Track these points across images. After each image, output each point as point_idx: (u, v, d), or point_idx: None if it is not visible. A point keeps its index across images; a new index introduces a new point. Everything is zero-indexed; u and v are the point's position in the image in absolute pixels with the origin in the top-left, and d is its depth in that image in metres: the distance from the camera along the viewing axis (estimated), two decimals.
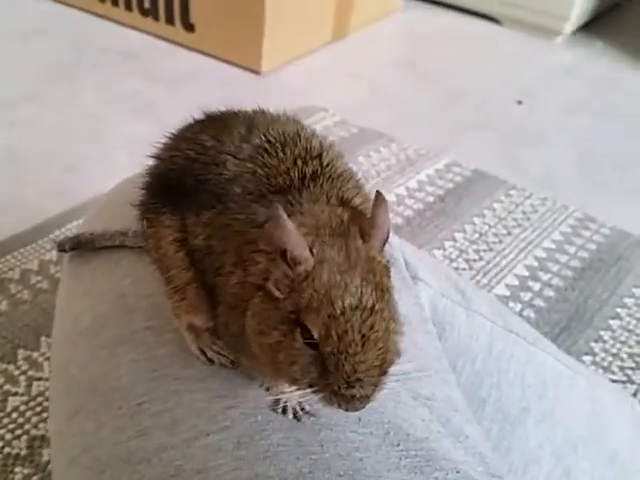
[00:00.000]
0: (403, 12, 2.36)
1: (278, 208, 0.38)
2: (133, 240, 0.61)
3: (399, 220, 1.38)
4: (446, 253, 1.31)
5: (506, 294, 1.22)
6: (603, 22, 2.39)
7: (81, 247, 0.65)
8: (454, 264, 1.28)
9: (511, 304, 1.20)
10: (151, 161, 0.52)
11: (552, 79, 2.04)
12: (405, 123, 1.74)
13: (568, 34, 2.25)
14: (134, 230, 0.60)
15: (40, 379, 0.98)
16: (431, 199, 1.46)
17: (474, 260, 1.30)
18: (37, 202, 1.36)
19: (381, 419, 0.49)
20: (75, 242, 0.65)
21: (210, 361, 0.50)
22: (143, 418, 0.48)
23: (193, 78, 1.87)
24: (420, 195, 1.47)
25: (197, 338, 0.50)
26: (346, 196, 0.44)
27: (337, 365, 0.36)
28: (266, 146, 0.46)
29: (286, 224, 0.38)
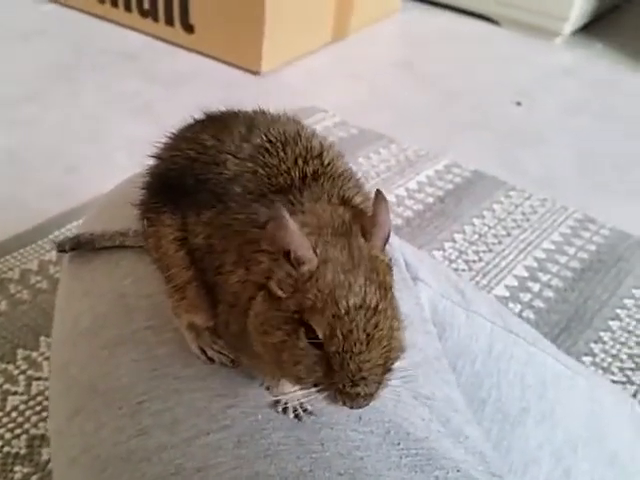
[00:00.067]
0: (402, 13, 2.37)
1: (280, 208, 0.38)
2: (133, 240, 0.61)
3: (399, 221, 1.38)
4: (446, 254, 1.31)
5: (505, 295, 1.22)
6: (602, 23, 2.39)
7: (81, 247, 0.65)
8: (454, 265, 1.28)
9: (510, 305, 1.20)
10: (151, 161, 0.52)
11: (551, 80, 2.04)
12: (404, 124, 1.74)
13: (567, 35, 2.26)
14: (134, 230, 0.60)
15: (39, 379, 0.98)
16: (431, 200, 1.46)
17: (474, 261, 1.30)
18: (37, 202, 1.36)
19: (381, 418, 0.49)
20: (75, 242, 0.65)
21: (210, 360, 0.50)
22: (143, 417, 0.48)
23: (193, 79, 1.87)
24: (420, 196, 1.47)
25: (197, 337, 0.50)
26: (347, 195, 0.44)
27: (342, 364, 0.37)
28: (267, 146, 0.46)
29: (289, 224, 0.37)
